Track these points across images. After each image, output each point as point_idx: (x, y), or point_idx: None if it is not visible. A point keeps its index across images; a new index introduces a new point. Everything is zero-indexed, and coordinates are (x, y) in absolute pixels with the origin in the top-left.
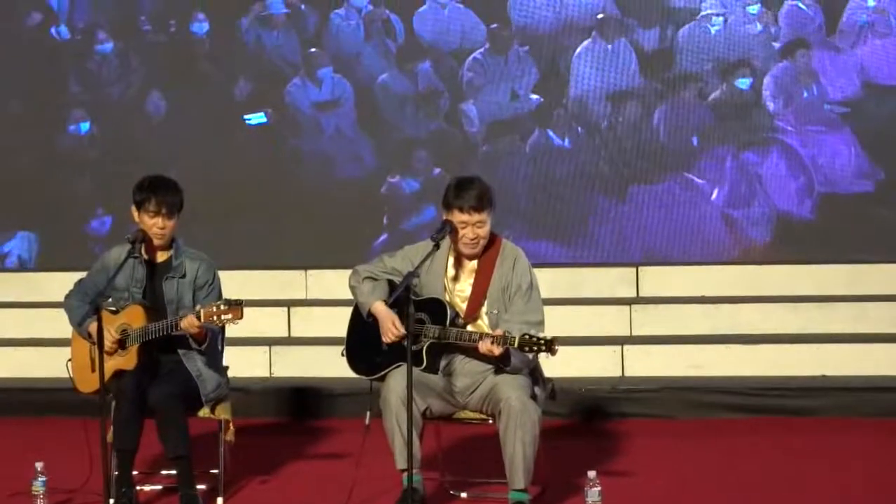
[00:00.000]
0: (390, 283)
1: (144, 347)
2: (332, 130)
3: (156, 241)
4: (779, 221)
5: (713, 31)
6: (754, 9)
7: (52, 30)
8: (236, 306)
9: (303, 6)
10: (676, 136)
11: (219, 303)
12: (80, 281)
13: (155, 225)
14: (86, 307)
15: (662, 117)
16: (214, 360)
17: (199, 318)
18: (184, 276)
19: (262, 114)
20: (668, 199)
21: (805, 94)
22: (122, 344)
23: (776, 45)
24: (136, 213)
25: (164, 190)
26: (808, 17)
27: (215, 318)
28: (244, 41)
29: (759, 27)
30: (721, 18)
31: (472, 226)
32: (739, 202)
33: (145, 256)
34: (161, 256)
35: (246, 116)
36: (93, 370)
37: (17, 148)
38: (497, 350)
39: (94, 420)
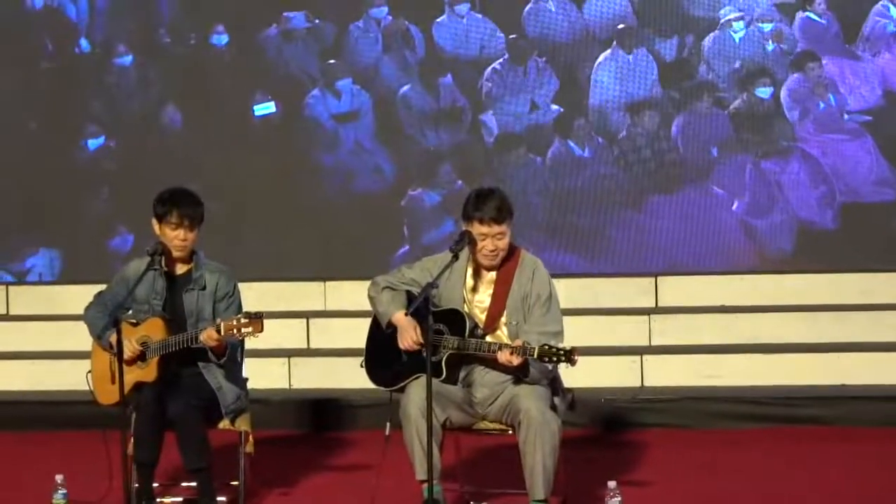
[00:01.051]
0: (409, 294)
1: (164, 360)
2: (351, 142)
3: (176, 254)
4: (800, 231)
5: (737, 39)
6: (769, 24)
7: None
8: (256, 319)
9: (319, 19)
10: (696, 146)
11: (239, 316)
12: (100, 293)
13: (177, 237)
14: (106, 319)
15: (682, 127)
16: (234, 373)
17: (219, 331)
18: (204, 288)
19: (271, 103)
20: (687, 209)
21: (825, 104)
22: (142, 356)
23: (793, 55)
24: (157, 226)
25: (185, 202)
26: (822, 28)
27: (235, 331)
28: (264, 53)
29: (776, 38)
30: (742, 24)
31: (491, 238)
32: (760, 211)
33: (165, 269)
34: (181, 269)
35: (255, 106)
36: (113, 382)
37: (38, 163)
38: (516, 360)
39: (114, 432)
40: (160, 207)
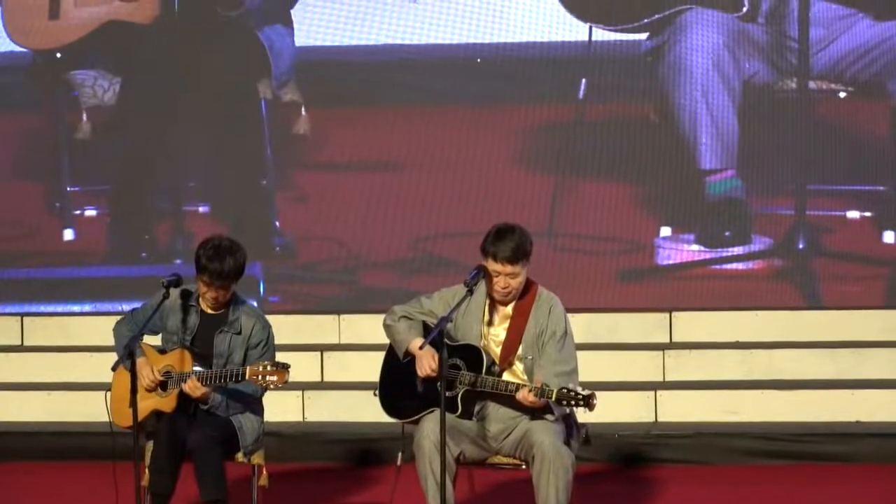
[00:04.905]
0: (425, 324)
1: (185, 392)
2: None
3: (207, 305)
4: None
5: None
6: None
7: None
8: (282, 369)
9: None
10: None
11: (266, 363)
12: (133, 311)
13: (208, 293)
14: (131, 339)
15: None
16: (255, 412)
17: (244, 375)
18: (239, 332)
19: None
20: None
21: None
22: (163, 386)
23: None
24: (195, 271)
25: (220, 264)
26: None
27: (260, 377)
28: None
29: None
30: None
31: (504, 276)
32: (775, 247)
33: (201, 306)
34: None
35: None
36: (129, 406)
37: None
38: (532, 398)
39: (124, 464)
40: (199, 259)
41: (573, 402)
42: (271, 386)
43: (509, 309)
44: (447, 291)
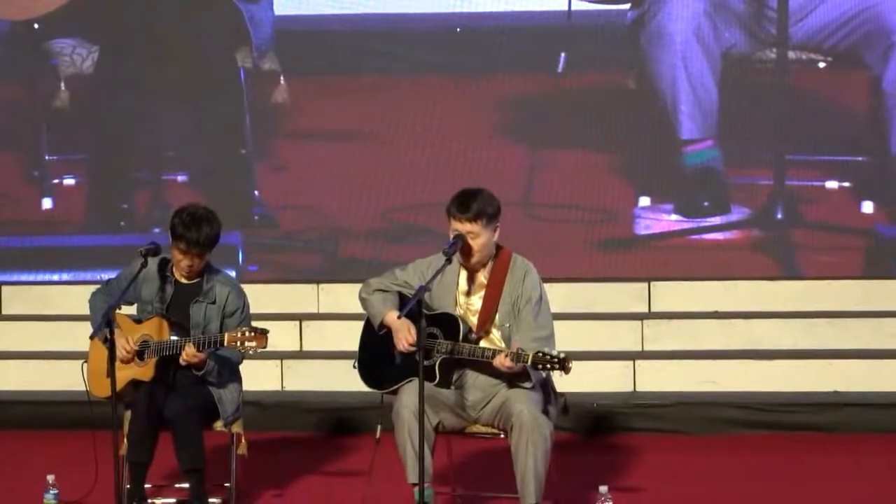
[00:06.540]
0: (401, 295)
1: (163, 361)
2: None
3: (181, 273)
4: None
5: None
6: None
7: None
8: (261, 334)
9: None
10: None
11: (244, 328)
12: (108, 281)
13: (183, 261)
14: (107, 309)
15: None
16: (234, 382)
17: (223, 342)
18: (213, 301)
19: None
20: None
21: None
22: (140, 355)
23: None
24: (170, 238)
25: (196, 232)
26: None
27: (239, 343)
28: None
29: None
30: None
31: (466, 235)
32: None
33: (175, 276)
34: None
35: None
36: (108, 376)
37: None
38: (509, 363)
39: (104, 433)
40: (173, 228)
41: (549, 366)
42: (251, 352)
43: (484, 278)
44: (421, 262)
